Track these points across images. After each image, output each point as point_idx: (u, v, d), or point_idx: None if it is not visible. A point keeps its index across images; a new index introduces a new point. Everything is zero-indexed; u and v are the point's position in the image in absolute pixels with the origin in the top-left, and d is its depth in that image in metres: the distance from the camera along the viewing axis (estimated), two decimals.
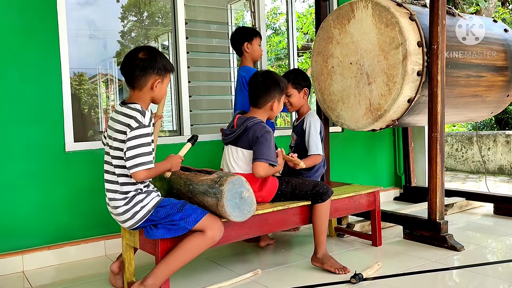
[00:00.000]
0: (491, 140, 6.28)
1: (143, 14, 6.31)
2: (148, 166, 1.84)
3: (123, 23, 6.22)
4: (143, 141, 1.85)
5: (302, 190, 2.39)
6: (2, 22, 2.57)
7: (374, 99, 2.81)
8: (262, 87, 2.38)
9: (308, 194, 2.39)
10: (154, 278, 1.90)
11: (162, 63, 2.00)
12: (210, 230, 1.94)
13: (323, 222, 2.37)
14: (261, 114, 2.40)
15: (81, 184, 2.77)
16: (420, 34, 2.69)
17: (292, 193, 2.40)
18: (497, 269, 2.32)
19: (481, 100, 3.26)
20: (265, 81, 2.39)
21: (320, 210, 2.37)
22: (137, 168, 1.82)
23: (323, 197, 2.37)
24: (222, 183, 1.92)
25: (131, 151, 1.83)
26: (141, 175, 1.84)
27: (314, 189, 2.38)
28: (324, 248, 2.38)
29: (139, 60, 1.96)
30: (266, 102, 2.38)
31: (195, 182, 2.06)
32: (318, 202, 2.37)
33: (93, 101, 6.32)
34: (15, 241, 2.60)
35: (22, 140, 2.61)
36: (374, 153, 4.26)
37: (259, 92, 2.38)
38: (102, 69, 6.33)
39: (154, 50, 2.04)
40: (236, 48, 3.14)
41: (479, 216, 3.50)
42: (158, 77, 1.99)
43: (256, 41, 3.09)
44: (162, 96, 2.07)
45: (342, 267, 2.30)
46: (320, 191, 2.37)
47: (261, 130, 2.28)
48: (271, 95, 2.38)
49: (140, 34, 6.29)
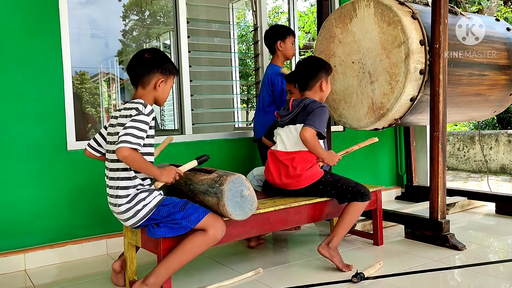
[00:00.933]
0: (493, 140, 6.27)
1: (145, 13, 6.32)
2: (134, 146, 1.81)
3: (124, 22, 6.22)
4: (138, 125, 1.85)
5: (345, 184, 2.43)
6: (4, 21, 2.57)
7: (377, 98, 2.80)
8: (309, 69, 2.55)
9: (349, 189, 2.41)
10: (156, 277, 1.90)
11: (167, 64, 2.05)
12: (212, 229, 1.94)
13: (353, 220, 2.42)
14: (312, 95, 2.54)
15: (83, 182, 2.77)
16: (422, 33, 2.68)
17: (333, 183, 2.43)
18: (499, 268, 2.31)
19: (484, 99, 3.25)
20: (310, 63, 2.58)
21: (355, 208, 2.41)
22: (122, 144, 1.79)
23: (363, 197, 2.41)
24: (222, 182, 1.92)
25: (123, 130, 1.83)
26: (124, 152, 1.79)
27: (356, 187, 2.43)
28: (338, 243, 2.39)
29: (145, 58, 2.03)
30: (315, 83, 2.53)
31: (195, 181, 2.05)
32: (357, 200, 2.40)
33: (94, 100, 6.33)
34: (17, 239, 2.60)
35: (24, 139, 2.61)
36: (376, 152, 4.25)
37: (307, 74, 2.55)
38: (103, 68, 6.34)
39: (160, 52, 2.11)
40: (269, 46, 3.20)
41: (481, 216, 3.50)
42: (162, 76, 2.03)
43: (290, 39, 3.14)
44: (164, 97, 2.08)
45: (347, 265, 2.32)
46: (362, 191, 2.41)
47: (317, 105, 2.43)
48: (319, 75, 2.53)
49: (142, 33, 6.29)
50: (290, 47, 3.15)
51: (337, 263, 2.32)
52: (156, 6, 6.33)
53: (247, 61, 8.44)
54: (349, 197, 2.42)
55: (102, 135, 2.13)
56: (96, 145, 2.13)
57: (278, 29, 3.22)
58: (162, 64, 2.03)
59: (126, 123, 1.87)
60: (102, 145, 2.12)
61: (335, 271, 2.31)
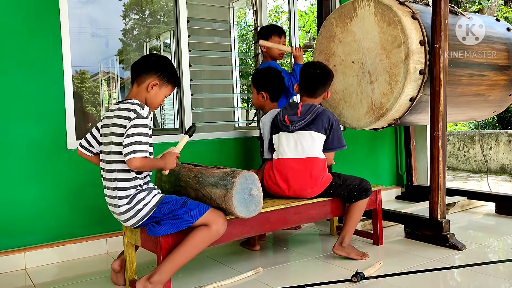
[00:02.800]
0: (493, 139, 6.27)
1: (145, 12, 6.32)
2: (143, 154, 1.84)
3: (125, 21, 6.22)
4: (141, 130, 1.86)
5: (351, 183, 2.51)
6: (4, 20, 2.57)
7: (376, 98, 2.80)
8: (320, 78, 2.58)
9: (355, 188, 2.50)
10: (160, 274, 1.90)
11: (168, 72, 2.05)
12: (215, 223, 1.94)
13: (359, 216, 2.54)
14: (316, 101, 2.60)
15: (83, 182, 2.77)
16: (422, 33, 2.68)
17: (342, 185, 2.50)
18: (499, 268, 2.32)
19: (484, 99, 3.25)
20: (322, 73, 2.59)
21: (361, 204, 2.52)
22: (133, 155, 1.81)
23: (367, 192, 2.53)
24: (235, 175, 1.94)
25: (128, 138, 1.84)
26: (136, 162, 1.82)
27: (360, 184, 2.51)
28: (350, 240, 2.50)
29: (149, 59, 2.06)
30: (323, 91, 2.61)
31: (206, 175, 2.07)
32: (363, 198, 2.50)
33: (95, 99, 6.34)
34: (17, 238, 2.60)
35: (24, 138, 2.62)
36: (376, 152, 4.25)
37: (318, 83, 2.57)
38: (104, 67, 6.34)
39: (168, 60, 2.11)
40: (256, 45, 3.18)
41: (481, 216, 3.50)
42: (157, 79, 2.03)
43: (273, 40, 3.10)
44: (155, 102, 2.06)
45: (363, 253, 2.47)
46: (365, 187, 2.52)
47: (333, 116, 2.51)
48: (327, 84, 2.62)
49: (142, 32, 6.29)
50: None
51: (355, 257, 2.45)
52: (157, 5, 6.33)
53: (247, 61, 8.44)
54: (356, 196, 2.50)
55: (93, 135, 2.11)
56: (87, 145, 2.12)
57: (262, 29, 3.18)
58: (162, 69, 2.04)
59: (127, 127, 1.86)
60: (93, 145, 2.11)
61: (335, 271, 2.32)
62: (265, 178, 2.53)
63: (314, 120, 2.45)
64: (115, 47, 6.14)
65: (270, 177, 2.50)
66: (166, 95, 2.10)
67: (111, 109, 2.03)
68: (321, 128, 2.44)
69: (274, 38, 3.12)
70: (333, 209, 2.56)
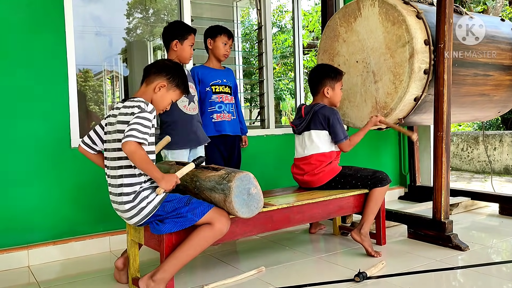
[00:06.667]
0: (497, 140, 6.24)
1: (149, 11, 6.32)
2: (140, 140, 1.80)
3: (128, 20, 6.22)
4: (143, 121, 1.84)
5: (364, 174, 2.66)
6: (9, 19, 2.58)
7: (380, 98, 2.80)
8: (314, 77, 2.78)
9: (368, 177, 2.63)
10: (163, 273, 1.91)
11: (178, 77, 2.07)
12: (218, 222, 1.94)
13: (378, 204, 2.64)
14: (320, 100, 2.76)
15: (86, 180, 2.78)
16: (427, 32, 2.67)
17: (353, 175, 2.66)
18: (502, 269, 2.31)
19: (488, 99, 3.23)
20: (316, 71, 2.81)
21: (378, 193, 2.62)
22: (128, 138, 1.78)
23: (382, 182, 2.63)
24: (230, 179, 1.92)
25: (129, 126, 1.82)
26: (130, 146, 1.78)
27: (374, 174, 2.64)
28: (369, 227, 2.59)
29: (163, 63, 2.09)
30: (320, 89, 2.75)
31: (202, 178, 2.06)
32: (377, 186, 2.62)
33: (98, 98, 6.35)
34: (21, 236, 2.61)
35: (28, 136, 2.62)
36: (379, 152, 4.24)
37: (313, 81, 2.79)
38: (107, 65, 6.34)
39: (181, 68, 2.14)
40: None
41: (484, 216, 3.49)
42: (165, 81, 2.04)
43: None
44: (160, 105, 2.06)
45: (376, 251, 2.52)
46: (380, 177, 2.63)
47: (329, 112, 2.66)
48: (322, 82, 2.74)
49: (146, 31, 6.29)
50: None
51: (366, 247, 2.52)
52: (160, 4, 6.34)
53: (250, 60, 8.44)
54: (370, 184, 2.63)
55: (97, 133, 2.11)
56: (90, 142, 2.11)
57: (212, 28, 2.91)
58: (172, 73, 2.05)
59: (129, 120, 1.87)
60: (96, 142, 2.10)
61: (337, 270, 2.31)
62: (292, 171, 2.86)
63: (312, 119, 2.70)
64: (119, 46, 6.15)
65: (295, 172, 2.83)
66: (173, 99, 2.09)
67: (116, 107, 2.02)
68: (319, 125, 2.68)
69: (222, 37, 2.87)
70: (336, 209, 2.56)
